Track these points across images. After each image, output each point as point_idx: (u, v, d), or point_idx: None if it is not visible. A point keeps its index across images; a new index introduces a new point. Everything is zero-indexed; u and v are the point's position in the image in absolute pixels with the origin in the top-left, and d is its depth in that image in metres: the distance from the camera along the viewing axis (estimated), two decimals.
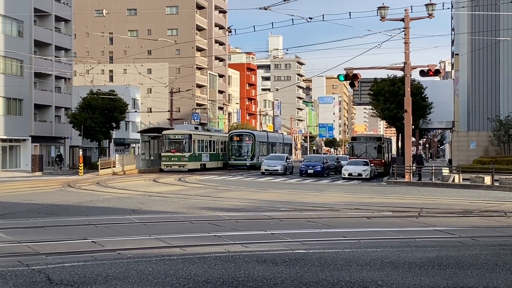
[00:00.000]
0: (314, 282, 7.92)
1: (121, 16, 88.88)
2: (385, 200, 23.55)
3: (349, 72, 33.58)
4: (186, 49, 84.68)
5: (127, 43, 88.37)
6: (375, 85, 45.20)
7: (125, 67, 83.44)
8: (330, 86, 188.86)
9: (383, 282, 7.94)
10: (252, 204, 21.08)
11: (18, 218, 15.96)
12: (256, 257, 9.72)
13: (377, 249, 10.74)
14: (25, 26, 55.90)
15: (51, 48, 60.49)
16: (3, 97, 53.46)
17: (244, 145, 57.12)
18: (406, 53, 35.90)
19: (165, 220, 15.91)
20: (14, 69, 54.72)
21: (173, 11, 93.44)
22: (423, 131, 64.72)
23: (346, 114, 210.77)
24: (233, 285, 7.72)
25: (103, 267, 8.73)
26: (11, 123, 53.90)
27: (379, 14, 33.92)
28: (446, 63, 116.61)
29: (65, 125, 61.84)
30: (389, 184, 35.81)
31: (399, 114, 40.58)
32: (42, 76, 59.31)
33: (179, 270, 8.55)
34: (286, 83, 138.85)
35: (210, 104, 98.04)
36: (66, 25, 64.95)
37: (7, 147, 54.96)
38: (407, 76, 36.29)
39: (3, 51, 51.53)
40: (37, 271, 8.46)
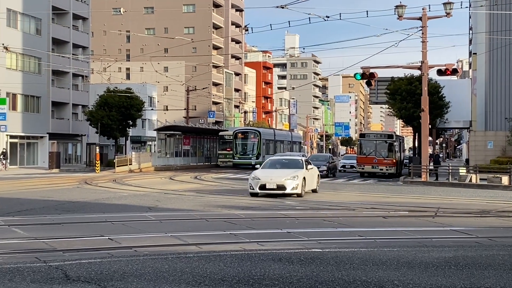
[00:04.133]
0: (330, 281, 7.90)
1: (138, 14, 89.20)
2: (402, 199, 23.44)
3: (365, 71, 33.46)
4: (203, 47, 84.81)
5: (144, 41, 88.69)
6: (392, 84, 45.03)
7: (142, 65, 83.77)
8: (347, 85, 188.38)
9: (399, 282, 7.91)
10: (267, 203, 21.06)
11: (35, 215, 16.08)
12: (272, 256, 9.71)
13: (393, 249, 10.69)
14: (43, 24, 56.28)
15: (68, 46, 60.89)
16: (21, 95, 53.89)
17: (249, 143, 55.28)
18: (423, 52, 35.70)
19: (181, 218, 15.95)
20: (32, 67, 55.12)
21: (190, 9, 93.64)
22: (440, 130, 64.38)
23: (363, 113, 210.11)
24: (249, 283, 7.72)
25: (119, 264, 8.77)
26: (29, 120, 54.31)
27: (396, 13, 33.78)
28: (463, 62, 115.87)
29: (82, 122, 62.21)
30: (405, 183, 35.64)
31: (416, 113, 40.39)
32: (60, 73, 59.71)
33: (195, 268, 8.57)
34: (302, 82, 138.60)
35: (226, 103, 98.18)
36: (84, 23, 65.33)
37: (25, 144, 55.38)
38: (424, 75, 36.09)
39: (21, 49, 51.92)
40: (54, 267, 8.52)
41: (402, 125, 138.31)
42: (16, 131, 52.82)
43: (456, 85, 49.64)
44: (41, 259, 9.16)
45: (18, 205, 18.65)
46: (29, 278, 7.83)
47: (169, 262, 8.97)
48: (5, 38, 47.61)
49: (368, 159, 41.89)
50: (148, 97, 75.61)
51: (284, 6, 25.33)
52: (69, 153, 63.19)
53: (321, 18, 28.48)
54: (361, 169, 42.50)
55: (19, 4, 53.03)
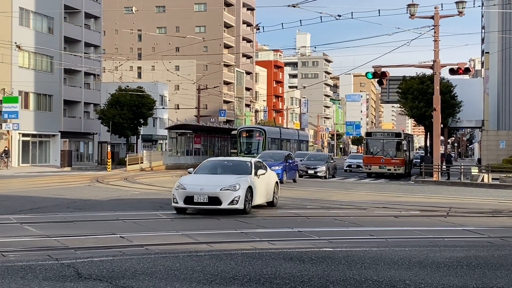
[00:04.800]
0: (341, 280, 7.88)
1: (149, 13, 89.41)
2: (413, 199, 23.37)
3: (377, 70, 33.36)
4: (214, 46, 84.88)
5: (156, 40, 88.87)
6: (404, 83, 44.86)
7: (153, 64, 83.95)
8: (358, 84, 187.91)
9: (411, 282, 7.88)
10: (278, 202, 21.03)
11: (47, 213, 16.15)
12: (283, 255, 9.71)
13: (405, 248, 10.66)
14: (55, 22, 56.52)
15: (80, 45, 61.12)
16: (34, 93, 54.15)
17: (254, 142, 52.66)
18: (435, 51, 35.55)
19: (192, 216, 15.96)
20: (44, 65, 55.37)
21: (201, 8, 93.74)
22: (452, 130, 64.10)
23: (374, 112, 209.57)
24: (260, 282, 7.72)
25: (131, 262, 8.79)
26: (41, 118, 54.57)
27: (408, 11, 33.66)
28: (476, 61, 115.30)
29: (94, 121, 62.44)
30: (417, 183, 35.53)
31: (428, 113, 40.22)
32: (72, 72, 59.95)
33: (206, 266, 8.57)
34: (313, 81, 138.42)
35: (237, 101, 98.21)
36: (96, 22, 65.55)
37: (37, 142, 55.65)
38: (436, 74, 35.94)
39: (33, 48, 52.17)
40: (66, 265, 8.55)
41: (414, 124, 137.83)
42: (29, 129, 53.09)
43: (469, 84, 49.38)
44: (53, 257, 9.20)
45: (30, 203, 18.74)
46: (41, 275, 7.86)
47: (180, 261, 8.99)
48: (18, 37, 47.86)
49: (375, 159, 40.52)
50: (159, 95, 75.77)
51: (296, 5, 25.29)
52: (80, 152, 63.44)
53: (332, 17, 28.46)
54: (367, 169, 41.24)
55: (31, 3, 53.28)
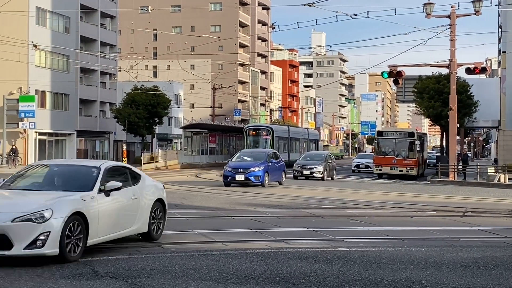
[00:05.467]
0: (356, 280, 7.86)
1: (165, 13, 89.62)
2: (429, 199, 23.26)
3: (393, 69, 33.22)
4: (229, 45, 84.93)
5: (171, 39, 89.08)
6: (420, 83, 44.62)
7: (169, 63, 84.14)
8: (373, 83, 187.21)
9: (427, 282, 7.84)
10: (293, 201, 21.05)
11: None
12: (298, 254, 9.70)
13: (421, 249, 10.61)
14: (72, 22, 56.80)
15: (96, 44, 61.38)
16: (50, 92, 54.47)
17: (261, 141, 51.59)
18: (451, 51, 35.35)
19: (207, 216, 16.01)
20: (61, 65, 55.68)
21: (216, 7, 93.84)
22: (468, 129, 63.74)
23: (389, 111, 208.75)
24: (275, 281, 7.72)
25: (147, 261, 8.83)
26: (57, 117, 54.87)
27: (424, 10, 33.50)
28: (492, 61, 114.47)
29: (110, 120, 62.70)
30: (432, 183, 35.36)
31: (444, 112, 39.99)
32: (88, 71, 60.23)
33: (221, 265, 8.59)
34: (328, 80, 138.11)
35: (252, 101, 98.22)
36: (112, 21, 65.81)
37: (53, 141, 55.97)
38: (452, 73, 35.74)
39: (50, 47, 52.47)
40: (82, 263, 8.60)
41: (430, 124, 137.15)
42: (45, 128, 53.40)
43: (485, 84, 49.03)
44: None
45: None
46: (58, 273, 7.91)
47: (195, 259, 9.01)
48: (35, 36, 48.14)
49: (387, 159, 38.74)
50: (175, 95, 75.95)
51: (311, 4, 25.26)
52: (96, 150, 63.71)
53: (348, 16, 28.37)
54: (378, 170, 39.44)
55: (48, 3, 53.59)
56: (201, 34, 68.00)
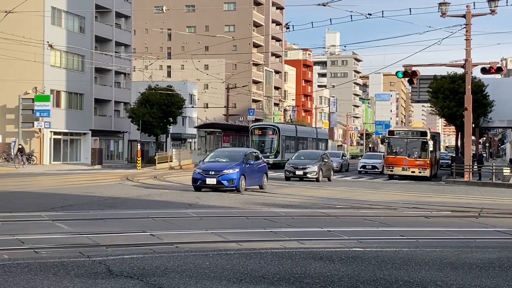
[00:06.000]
0: (371, 280, 7.83)
1: (179, 13, 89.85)
2: (444, 199, 23.14)
3: (408, 69, 33.08)
4: (243, 45, 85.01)
5: (185, 39, 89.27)
6: (435, 83, 44.40)
7: (183, 63, 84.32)
8: (388, 83, 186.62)
9: (442, 283, 7.80)
10: (307, 201, 21.03)
11: (78, 210, 16.32)
12: (313, 254, 9.68)
13: (436, 249, 10.56)
14: (87, 22, 57.10)
15: (111, 44, 61.63)
16: (65, 92, 54.78)
17: (267, 140, 50.18)
18: (467, 50, 35.15)
19: (221, 215, 16.02)
20: (76, 64, 55.98)
21: (230, 7, 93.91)
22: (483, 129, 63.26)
23: (404, 111, 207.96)
24: (290, 281, 7.71)
25: (161, 260, 8.84)
26: (72, 117, 55.18)
27: (440, 10, 33.33)
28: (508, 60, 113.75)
29: (124, 119, 62.94)
30: (447, 183, 35.17)
31: (459, 112, 39.76)
32: (102, 71, 60.50)
33: (236, 265, 8.58)
34: (342, 80, 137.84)
35: (266, 100, 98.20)
36: (126, 21, 66.07)
37: (68, 141, 56.29)
38: (467, 73, 35.54)
39: (65, 47, 52.76)
40: (97, 262, 8.63)
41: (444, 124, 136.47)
42: (60, 127, 53.72)
43: (501, 84, 48.68)
44: (85, 254, 9.30)
45: (61, 200, 18.96)
46: (73, 272, 7.94)
47: (210, 259, 9.01)
48: (50, 36, 48.43)
49: (398, 159, 37.42)
50: (189, 94, 76.11)
51: (326, 3, 25.21)
52: (111, 150, 64.00)
53: (363, 16, 28.27)
54: (389, 171, 37.89)
55: (63, 3, 53.90)
56: (215, 34, 68.08)
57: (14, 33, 41.64)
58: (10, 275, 7.68)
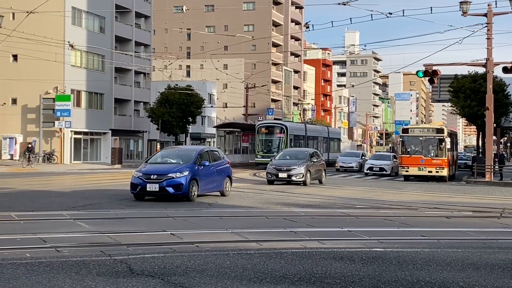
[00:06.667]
0: (392, 281, 7.79)
1: (199, 12, 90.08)
2: (465, 199, 22.95)
3: (428, 68, 32.86)
4: (262, 44, 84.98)
5: (204, 39, 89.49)
6: (455, 82, 44.07)
7: (202, 63, 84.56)
8: (407, 83, 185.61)
9: (464, 284, 7.74)
10: (327, 201, 20.98)
11: (99, 209, 16.42)
12: (333, 254, 9.65)
13: (457, 250, 10.48)
14: (107, 22, 57.45)
15: (131, 44, 61.96)
16: (85, 91, 55.17)
17: (274, 139, 47.84)
18: (488, 49, 34.84)
19: (241, 215, 16.02)
20: (96, 64, 56.35)
21: (249, 7, 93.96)
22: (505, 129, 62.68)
23: (424, 111, 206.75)
24: (311, 281, 7.69)
25: (182, 259, 8.86)
26: (92, 116, 55.55)
27: (461, 9, 33.08)
28: None
29: (144, 119, 63.24)
30: (468, 183, 34.90)
31: (480, 112, 39.44)
32: (122, 71, 60.83)
33: (256, 265, 8.58)
34: (362, 79, 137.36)
35: (285, 100, 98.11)
36: (146, 21, 66.37)
37: (88, 140, 56.68)
38: (489, 72, 35.23)
39: (85, 47, 53.14)
40: (119, 261, 8.67)
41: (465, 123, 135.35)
42: (80, 127, 54.11)
43: None
44: (106, 253, 9.35)
45: (82, 199, 19.08)
46: (95, 271, 7.99)
47: (230, 258, 9.02)
48: (70, 36, 48.80)
49: (413, 159, 35.67)
50: (208, 94, 76.28)
51: (346, 3, 25.13)
52: (130, 149, 64.34)
53: (383, 15, 28.13)
54: (405, 171, 36.03)
55: (84, 3, 54.29)
56: (235, 33, 68.16)
57: (36, 33, 42.01)
58: (33, 273, 7.75)
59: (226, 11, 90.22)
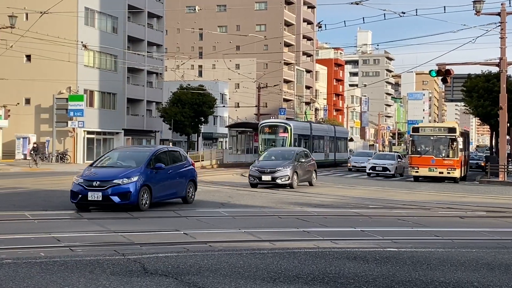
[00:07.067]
0: (407, 281, 7.76)
1: (211, 12, 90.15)
2: (478, 199, 22.83)
3: (441, 68, 32.69)
4: (274, 44, 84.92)
5: (216, 39, 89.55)
6: (469, 81, 43.86)
7: (214, 63, 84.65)
8: (420, 82, 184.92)
9: (479, 284, 7.70)
10: (340, 201, 20.93)
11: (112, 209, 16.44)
12: (346, 254, 9.63)
13: (471, 250, 10.42)
14: (119, 22, 57.65)
15: (143, 44, 62.14)
16: (98, 91, 55.38)
17: (278, 139, 46.17)
18: (502, 49, 34.63)
19: (254, 214, 16.03)
20: (109, 64, 56.55)
21: (261, 6, 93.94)
22: None
23: (437, 110, 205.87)
24: (324, 281, 7.67)
25: (195, 259, 8.88)
26: (105, 116, 55.76)
27: (474, 8, 32.89)
28: None
29: (156, 119, 63.40)
30: (482, 183, 34.70)
31: (494, 111, 39.22)
32: (135, 71, 61.01)
33: (269, 264, 8.57)
34: (374, 79, 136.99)
35: (297, 100, 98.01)
36: (158, 21, 66.54)
37: (101, 140, 56.90)
38: (502, 72, 35.02)
39: (98, 47, 53.34)
40: (132, 260, 8.70)
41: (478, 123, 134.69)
42: (93, 127, 54.32)
43: None
44: (120, 252, 9.38)
45: None
46: (109, 270, 8.02)
47: (243, 258, 9.02)
48: (83, 36, 49.01)
49: (424, 159, 34.31)
50: (220, 94, 76.36)
51: (358, 2, 25.07)
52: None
53: (396, 14, 28.03)
54: (414, 172, 34.64)
55: (96, 3, 54.50)
56: (247, 33, 68.18)
57: (49, 33, 42.22)
58: (47, 272, 7.78)
59: (238, 11, 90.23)
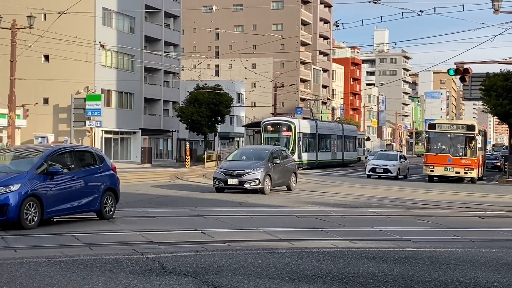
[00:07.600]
0: (426, 281, 7.72)
1: (227, 12, 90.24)
2: (498, 199, 22.68)
3: (459, 67, 32.40)
4: (291, 43, 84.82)
5: (233, 38, 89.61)
6: (487, 80, 43.49)
7: (231, 62, 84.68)
8: (438, 81, 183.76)
9: (499, 284, 7.64)
10: (357, 200, 20.87)
11: (131, 208, 16.54)
12: (365, 254, 9.60)
13: (491, 250, 10.35)
14: (137, 22, 57.84)
15: (160, 44, 62.29)
16: (115, 91, 55.62)
17: (281, 138, 43.85)
18: None
19: (271, 214, 16.03)
20: (126, 64, 56.77)
21: (278, 6, 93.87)
22: None
23: (454, 110, 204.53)
24: (343, 280, 7.65)
25: (214, 258, 8.89)
26: (122, 116, 55.99)
27: (493, 6, 32.60)
28: None
29: (173, 118, 63.56)
30: (500, 183, 34.44)
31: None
32: (152, 70, 61.19)
33: (288, 264, 8.57)
34: (391, 78, 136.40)
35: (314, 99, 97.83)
36: (175, 21, 66.68)
37: (118, 139, 57.15)
38: None
39: (116, 47, 53.55)
40: (151, 259, 8.73)
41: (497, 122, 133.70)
42: (111, 126, 54.56)
43: None
44: (139, 251, 9.42)
45: None
46: (128, 269, 8.05)
47: (262, 257, 9.02)
48: (101, 36, 49.21)
49: (440, 158, 32.75)
50: (237, 93, 76.37)
51: (376, 1, 24.95)
52: (160, 149, 64.68)
53: (414, 13, 27.84)
54: (429, 171, 33.25)
55: (114, 3, 54.73)
56: (263, 32, 68.17)
57: (67, 33, 42.46)
58: (67, 271, 7.84)
59: (255, 11, 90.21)
